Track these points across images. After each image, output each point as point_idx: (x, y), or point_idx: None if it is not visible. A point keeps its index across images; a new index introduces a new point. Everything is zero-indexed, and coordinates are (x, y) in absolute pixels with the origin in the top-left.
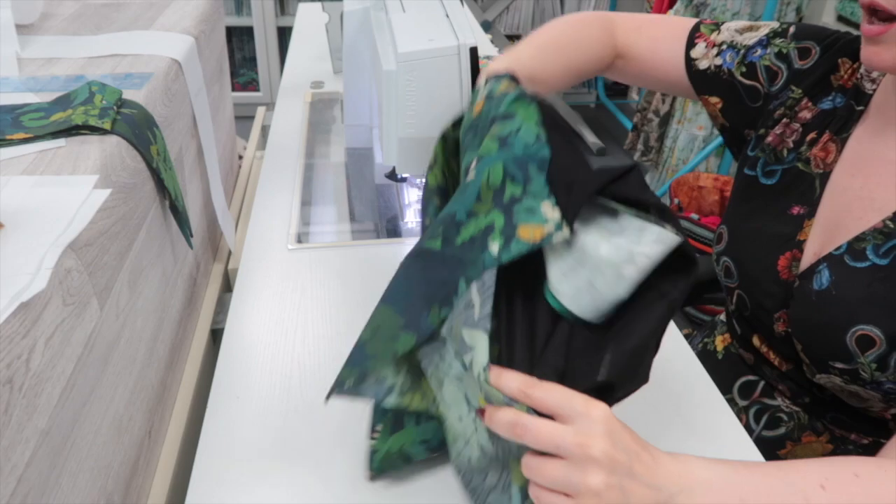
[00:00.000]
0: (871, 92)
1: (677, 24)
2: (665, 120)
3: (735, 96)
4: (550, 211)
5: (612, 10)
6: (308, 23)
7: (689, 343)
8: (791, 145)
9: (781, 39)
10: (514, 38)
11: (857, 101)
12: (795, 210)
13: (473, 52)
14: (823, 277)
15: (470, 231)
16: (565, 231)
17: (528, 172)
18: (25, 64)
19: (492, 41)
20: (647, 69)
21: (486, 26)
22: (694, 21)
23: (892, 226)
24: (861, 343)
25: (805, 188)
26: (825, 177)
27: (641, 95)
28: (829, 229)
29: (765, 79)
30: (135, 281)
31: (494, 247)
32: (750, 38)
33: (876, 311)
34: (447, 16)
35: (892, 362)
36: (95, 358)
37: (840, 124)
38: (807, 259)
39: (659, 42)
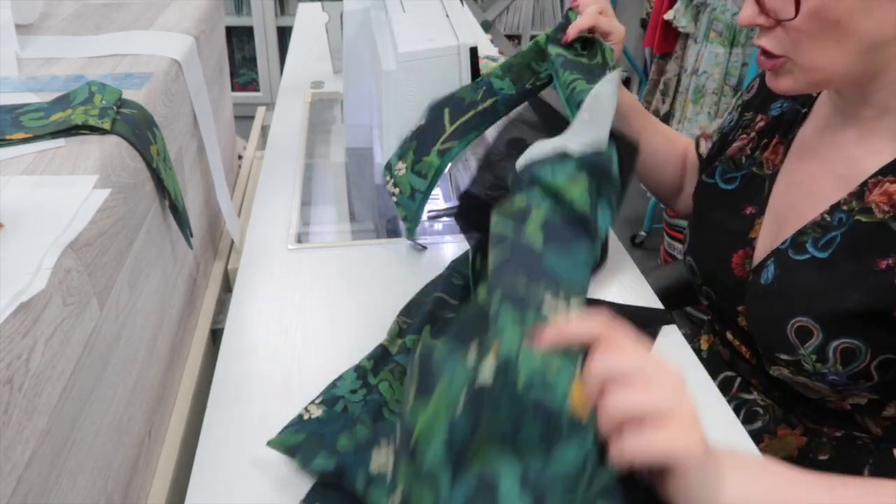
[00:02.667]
0: (815, 95)
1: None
2: (665, 120)
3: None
4: None
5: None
6: (308, 23)
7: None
8: (748, 152)
9: (738, 98)
10: (513, 38)
11: (802, 105)
12: (748, 210)
13: (473, 52)
14: (769, 272)
15: None
16: None
17: None
18: (25, 64)
19: (492, 41)
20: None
21: (486, 26)
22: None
23: (828, 219)
24: (800, 334)
25: (757, 189)
26: (773, 177)
27: (641, 95)
28: (776, 225)
29: (726, 126)
30: (135, 281)
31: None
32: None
33: (811, 303)
34: (447, 16)
35: (830, 353)
36: (95, 358)
37: (787, 126)
38: (758, 255)
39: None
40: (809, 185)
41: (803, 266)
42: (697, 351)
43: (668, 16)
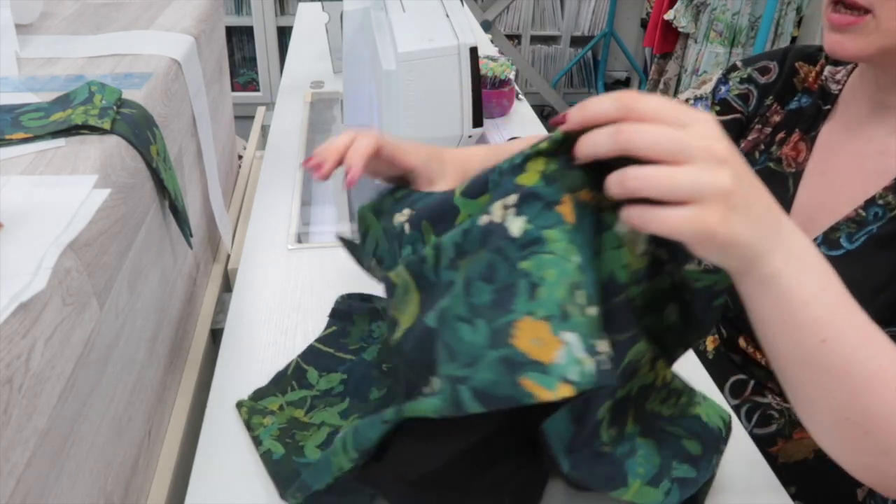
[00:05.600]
0: (836, 92)
1: None
2: None
3: None
4: None
5: (613, 12)
6: (308, 23)
7: None
8: (762, 147)
9: (735, 72)
10: (514, 37)
11: (823, 101)
12: None
13: (473, 52)
14: None
15: None
16: None
17: None
18: (25, 64)
19: (492, 41)
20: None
21: (486, 26)
22: None
23: (863, 214)
24: None
25: (778, 187)
26: (798, 175)
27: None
28: (803, 225)
29: (740, 105)
30: (134, 281)
31: None
32: (708, 87)
33: (858, 296)
34: (447, 16)
35: None
36: (95, 358)
37: (809, 123)
38: None
39: None
40: (839, 182)
41: (836, 262)
42: (702, 352)
43: (669, 16)
